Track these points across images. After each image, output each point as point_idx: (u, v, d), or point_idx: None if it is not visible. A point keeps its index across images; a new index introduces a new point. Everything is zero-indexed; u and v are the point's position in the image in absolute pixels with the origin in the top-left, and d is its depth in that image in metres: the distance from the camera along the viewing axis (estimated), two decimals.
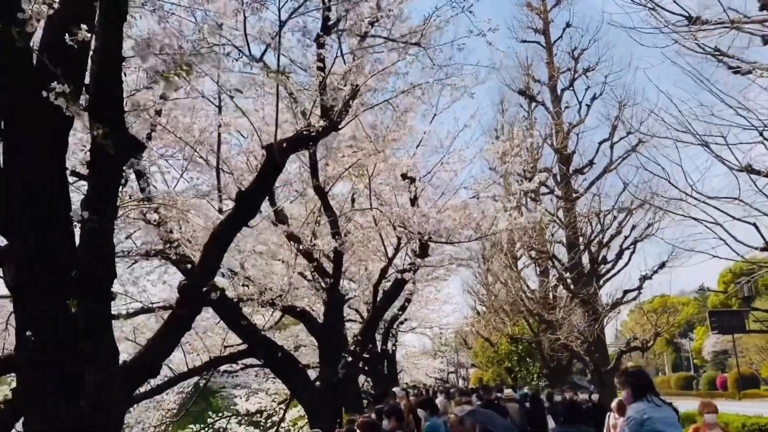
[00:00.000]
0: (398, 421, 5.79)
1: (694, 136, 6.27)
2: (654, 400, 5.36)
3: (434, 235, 8.39)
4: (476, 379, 44.90)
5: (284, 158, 4.27)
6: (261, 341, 9.16)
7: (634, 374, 6.26)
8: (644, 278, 15.95)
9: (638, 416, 5.30)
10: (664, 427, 5.15)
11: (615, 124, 17.60)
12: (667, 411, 5.39)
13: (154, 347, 3.65)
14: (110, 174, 2.85)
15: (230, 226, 4.08)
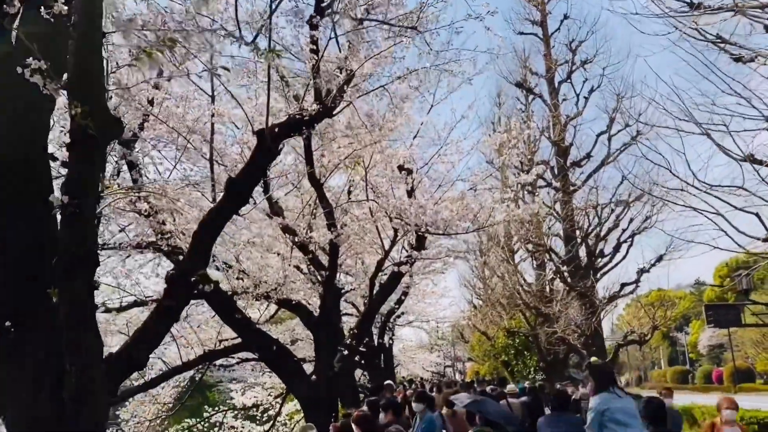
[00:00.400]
0: (395, 415, 5.68)
1: (696, 125, 6.16)
2: (615, 391, 5.72)
3: (431, 227, 8.27)
4: (473, 372, 44.92)
5: (276, 144, 4.13)
6: (255, 334, 9.05)
7: (597, 367, 6.73)
8: (642, 271, 15.89)
9: (599, 406, 5.66)
10: (622, 416, 5.51)
11: (613, 117, 17.51)
12: (627, 402, 5.72)
13: (141, 339, 3.51)
14: (91, 156, 2.72)
15: (220, 215, 3.95)
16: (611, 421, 5.57)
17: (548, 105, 19.17)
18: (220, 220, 4.00)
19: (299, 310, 9.96)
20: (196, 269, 3.73)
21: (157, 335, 3.67)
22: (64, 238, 2.77)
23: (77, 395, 2.91)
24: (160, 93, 8.02)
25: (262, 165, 4.26)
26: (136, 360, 3.44)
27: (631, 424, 5.51)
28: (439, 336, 49.65)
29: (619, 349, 16.57)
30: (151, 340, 3.59)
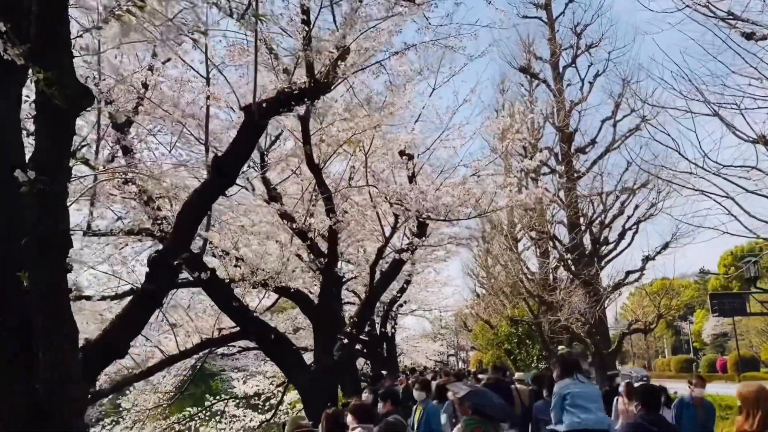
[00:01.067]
0: (394, 404, 5.51)
1: (705, 105, 5.93)
2: (579, 377, 6.16)
3: (432, 213, 8.07)
4: (476, 361, 44.88)
5: (264, 120, 3.93)
6: (253, 323, 8.90)
7: (563, 356, 7.45)
8: (647, 259, 15.67)
9: (561, 391, 6.13)
10: (582, 401, 5.94)
11: (618, 102, 17.20)
12: (589, 387, 6.20)
13: (120, 326, 3.34)
14: (59, 128, 2.53)
15: (206, 195, 3.76)
16: (572, 405, 5.96)
17: (552, 90, 18.87)
18: (205, 201, 3.81)
19: (298, 298, 9.78)
20: (179, 252, 3.55)
21: (137, 322, 3.49)
22: (32, 219, 2.58)
23: (50, 386, 2.74)
24: (154, 76, 7.82)
25: (249, 143, 4.06)
26: (115, 348, 3.27)
27: (589, 408, 5.92)
28: (443, 325, 49.62)
29: (624, 337, 16.36)
30: (131, 327, 3.42)
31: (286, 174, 10.45)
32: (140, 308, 3.49)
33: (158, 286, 3.51)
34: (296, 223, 8.83)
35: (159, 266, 3.49)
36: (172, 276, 3.63)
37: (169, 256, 3.49)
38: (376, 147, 9.35)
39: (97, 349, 3.13)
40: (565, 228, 18.92)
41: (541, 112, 17.95)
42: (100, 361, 3.21)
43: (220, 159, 3.82)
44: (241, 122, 8.84)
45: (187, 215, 3.71)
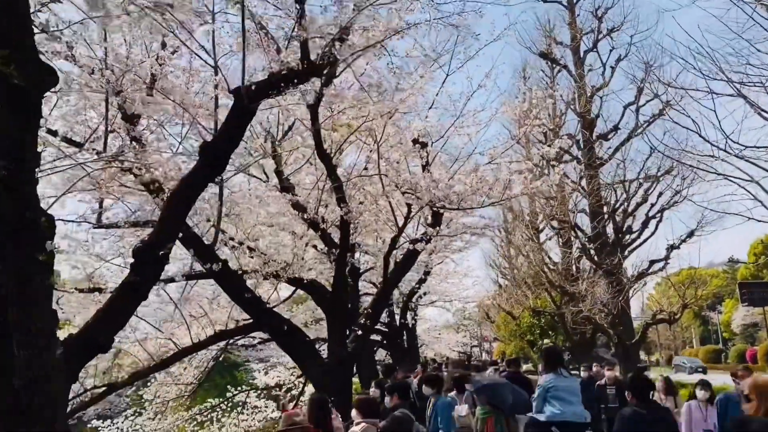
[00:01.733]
0: (401, 398, 5.34)
1: (728, 84, 5.64)
2: (562, 372, 6.59)
3: (445, 202, 7.85)
4: (499, 352, 44.57)
5: (255, 102, 3.76)
6: (266, 314, 8.79)
7: (548, 350, 8.08)
8: (672, 248, 15.28)
9: (545, 384, 6.56)
10: (564, 394, 6.40)
11: (641, 87, 16.73)
12: (571, 381, 6.67)
13: (103, 320, 3.20)
14: (22, 110, 2.39)
15: (194, 183, 3.61)
16: (554, 397, 6.41)
17: (573, 75, 18.43)
18: (194, 189, 3.65)
19: (311, 289, 9.66)
20: (166, 242, 3.40)
21: (121, 315, 3.36)
22: (4, 205, 2.45)
23: (27, 382, 2.61)
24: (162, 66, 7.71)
25: (239, 127, 3.89)
26: (97, 342, 3.14)
27: (571, 401, 6.40)
28: (465, 316, 49.37)
29: (648, 328, 15.98)
30: (113, 320, 3.28)
31: (300, 164, 10.32)
32: (123, 301, 3.36)
33: (143, 278, 3.38)
34: (307, 214, 8.68)
35: (144, 257, 3.36)
36: (157, 267, 3.48)
37: (154, 247, 3.35)
38: (388, 135, 9.15)
39: (77, 344, 3.00)
40: (588, 217, 18.55)
41: (562, 97, 17.54)
42: (81, 356, 3.09)
43: (208, 144, 3.67)
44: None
45: (175, 204, 3.57)
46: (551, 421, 6.37)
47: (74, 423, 15.05)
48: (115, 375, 10.13)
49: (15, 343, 2.64)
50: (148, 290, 3.52)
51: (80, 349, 3.03)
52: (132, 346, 9.94)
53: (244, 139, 9.74)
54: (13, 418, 2.67)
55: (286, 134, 10.08)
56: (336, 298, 9.27)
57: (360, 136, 9.48)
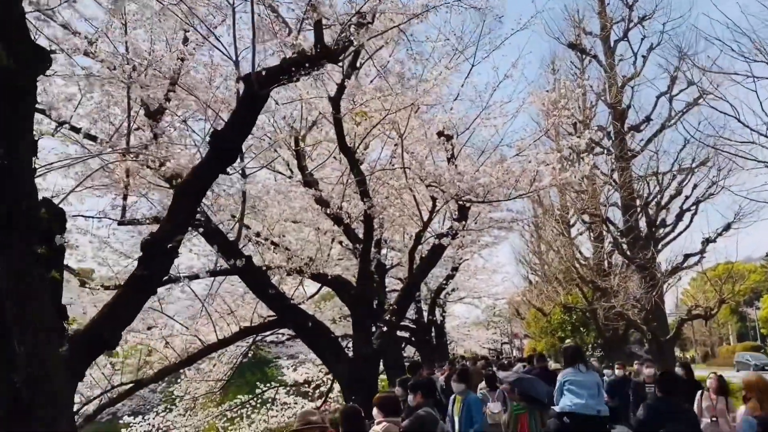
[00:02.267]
0: (425, 396, 5.16)
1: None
2: (580, 368, 7.17)
3: (470, 194, 7.65)
4: (530, 349, 44.03)
5: (265, 89, 3.62)
6: (290, 310, 8.70)
7: (566, 348, 8.43)
8: (707, 241, 14.78)
9: (563, 378, 7.22)
10: (577, 387, 6.98)
11: (675, 75, 16.21)
12: (587, 376, 7.13)
13: (109, 316, 3.09)
14: (12, 95, 2.28)
15: (204, 174, 3.49)
16: (569, 390, 7.04)
17: (603, 65, 17.95)
18: (204, 180, 3.53)
19: (336, 285, 9.54)
20: (174, 235, 3.28)
21: (128, 310, 3.25)
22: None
23: (28, 379, 2.51)
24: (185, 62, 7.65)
25: (249, 115, 3.76)
26: (103, 339, 3.04)
27: (581, 394, 6.94)
28: (495, 313, 48.90)
29: (683, 323, 15.47)
30: (120, 316, 3.18)
31: (324, 159, 10.21)
32: (131, 296, 3.25)
33: (151, 272, 3.27)
34: (330, 209, 8.55)
35: (152, 250, 3.25)
36: (167, 261, 3.37)
37: (163, 240, 3.23)
38: (412, 128, 8.98)
39: (82, 341, 2.91)
40: (619, 210, 18.07)
41: (592, 88, 17.09)
42: (86, 353, 2.99)
43: (217, 133, 3.55)
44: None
45: (184, 195, 3.46)
46: (563, 411, 7.00)
47: (109, 419, 15.26)
48: (143, 372, 10.15)
49: (15, 339, 2.54)
50: (156, 284, 3.41)
51: (85, 346, 2.93)
52: (158, 343, 9.94)
53: (267, 134, 9.73)
54: (15, 416, 2.58)
55: (311, 129, 9.98)
56: (360, 294, 9.13)
57: (384, 130, 9.34)
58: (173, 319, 9.46)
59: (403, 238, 13.40)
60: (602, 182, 17.00)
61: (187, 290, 9.40)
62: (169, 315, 9.24)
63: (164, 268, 3.42)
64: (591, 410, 6.91)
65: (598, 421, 7.00)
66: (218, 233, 8.30)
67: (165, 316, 9.40)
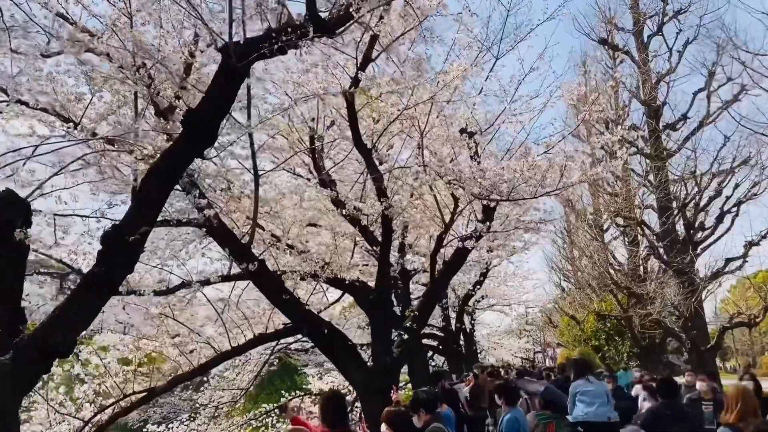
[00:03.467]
0: (430, 412, 4.65)
1: None
2: (590, 378, 7.80)
3: (494, 192, 7.14)
4: (563, 358, 42.94)
5: (243, 62, 3.19)
6: (305, 316, 8.28)
7: (576, 361, 9.14)
8: (750, 244, 13.90)
9: (574, 389, 7.77)
10: (590, 397, 7.54)
11: (712, 71, 15.39)
12: (597, 386, 7.73)
13: (62, 319, 2.68)
14: None
15: (177, 156, 3.08)
16: (581, 401, 7.60)
17: (636, 61, 17.18)
18: (177, 164, 3.13)
19: (353, 290, 9.11)
20: (139, 226, 2.88)
21: (83, 313, 2.84)
22: None
23: None
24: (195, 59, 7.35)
25: (227, 90, 3.35)
26: (53, 345, 2.63)
27: (593, 403, 7.50)
28: (527, 321, 47.87)
29: (725, 332, 14.57)
30: (75, 319, 2.77)
31: (343, 159, 9.83)
32: (85, 297, 2.84)
33: (110, 268, 2.86)
34: (347, 209, 8.13)
35: (113, 243, 2.84)
36: (129, 256, 2.95)
37: (126, 231, 2.82)
38: (432, 125, 8.51)
39: (29, 348, 2.51)
40: (655, 213, 17.24)
41: (624, 84, 16.34)
42: (34, 361, 2.59)
43: (192, 113, 3.14)
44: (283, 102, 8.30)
45: (154, 181, 3.06)
46: (576, 420, 7.50)
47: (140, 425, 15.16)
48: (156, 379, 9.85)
49: None
50: (118, 283, 3.00)
51: (32, 354, 2.53)
52: (170, 350, 9.63)
53: (282, 133, 9.38)
54: None
55: (329, 128, 9.61)
56: (379, 299, 8.67)
57: (404, 128, 8.92)
58: (184, 326, 9.13)
59: (429, 242, 12.90)
60: (637, 184, 16.24)
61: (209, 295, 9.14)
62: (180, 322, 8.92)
63: (126, 264, 3.01)
64: (602, 417, 7.50)
65: (609, 426, 7.52)
66: (230, 236, 7.96)
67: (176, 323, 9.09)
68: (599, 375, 10.73)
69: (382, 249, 8.41)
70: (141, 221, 2.93)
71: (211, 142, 3.46)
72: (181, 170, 3.30)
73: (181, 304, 8.81)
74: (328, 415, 3.76)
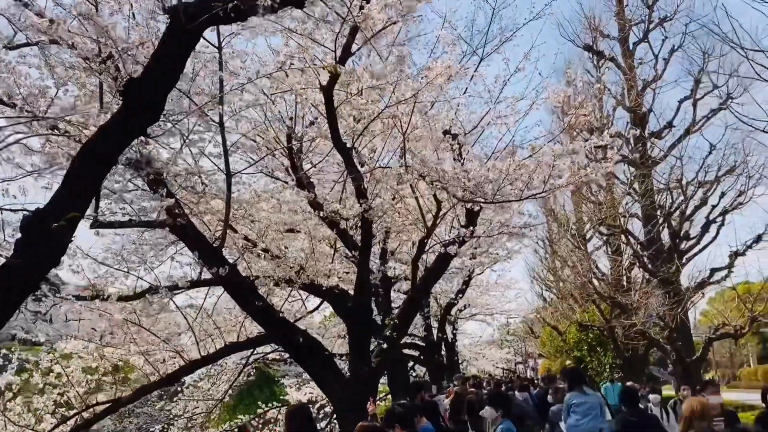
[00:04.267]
0: (405, 428, 4.29)
1: None
2: (584, 390, 7.84)
3: (477, 194, 6.80)
4: (545, 369, 42.74)
5: (195, 24, 2.80)
6: (278, 324, 7.85)
7: (570, 371, 9.12)
8: (736, 254, 13.71)
9: (568, 401, 7.86)
10: (582, 408, 7.60)
11: (698, 78, 15.26)
12: (590, 398, 7.77)
13: None
14: None
15: (116, 132, 2.68)
16: (574, 412, 7.66)
17: (621, 67, 17.01)
18: (115, 142, 2.73)
19: (330, 296, 8.70)
20: (66, 211, 2.47)
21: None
22: None
23: None
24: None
25: (174, 57, 2.95)
26: None
27: (588, 414, 7.55)
28: (508, 332, 47.67)
29: (711, 343, 14.32)
30: None
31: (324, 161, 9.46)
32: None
33: (31, 262, 2.43)
34: (323, 211, 7.74)
35: (33, 232, 2.42)
36: (53, 247, 2.52)
37: (50, 218, 2.41)
38: (415, 125, 8.19)
39: None
40: (640, 221, 17.03)
41: (609, 91, 16.13)
42: None
43: (133, 82, 2.75)
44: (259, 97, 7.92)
45: (87, 159, 2.65)
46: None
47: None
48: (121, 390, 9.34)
49: None
50: (39, 278, 2.58)
51: None
52: (137, 359, 9.14)
53: (260, 132, 8.99)
54: None
55: (309, 126, 9.24)
56: (358, 307, 8.27)
57: (385, 128, 8.59)
58: (152, 333, 8.65)
59: (411, 249, 12.56)
60: (621, 192, 16.02)
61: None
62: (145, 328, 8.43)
63: (50, 255, 2.59)
64: (594, 429, 7.59)
65: None
66: (200, 238, 7.54)
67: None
68: None
69: (361, 253, 8.03)
70: (69, 205, 2.51)
71: (155, 117, 3.06)
72: (119, 147, 2.89)
73: (148, 310, 8.31)
74: (292, 428, 3.38)
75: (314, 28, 6.70)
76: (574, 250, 20.49)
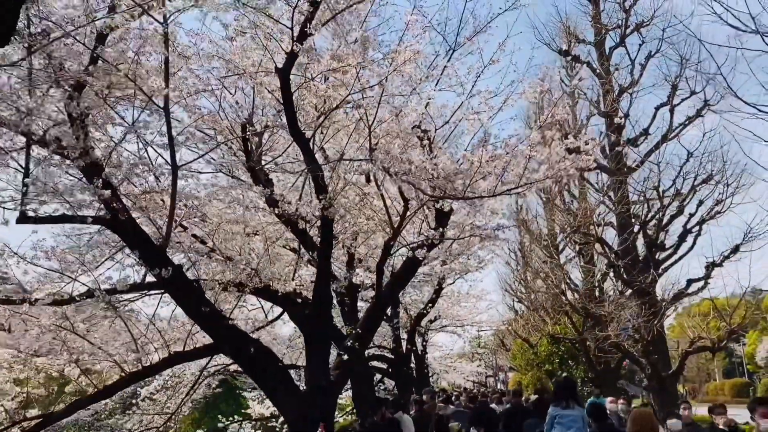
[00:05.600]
0: None
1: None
2: (569, 403, 7.80)
3: (447, 189, 6.18)
4: (515, 383, 42.33)
5: None
6: (228, 332, 7.11)
7: (559, 384, 8.99)
8: (713, 265, 13.31)
9: (552, 413, 7.88)
10: (568, 422, 7.65)
11: (675, 83, 14.93)
12: (575, 412, 7.75)
13: None
14: None
15: None
16: (559, 424, 7.72)
17: (597, 71, 16.63)
18: None
19: (285, 303, 7.99)
20: None
21: None
22: None
23: None
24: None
25: None
26: None
27: (570, 427, 7.61)
28: (479, 344, 47.25)
29: (687, 356, 13.83)
30: None
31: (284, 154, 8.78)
32: None
33: None
34: (279, 208, 7.04)
35: None
36: None
37: None
38: (382, 118, 7.55)
39: None
40: (614, 230, 16.59)
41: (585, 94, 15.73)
42: None
43: None
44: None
45: None
46: None
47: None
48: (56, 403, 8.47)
49: None
50: None
51: None
52: (72, 369, 8.28)
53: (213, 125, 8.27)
54: None
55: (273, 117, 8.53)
56: (316, 314, 7.56)
57: (350, 120, 7.97)
58: (88, 341, 7.81)
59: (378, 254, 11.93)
60: (595, 201, 15.61)
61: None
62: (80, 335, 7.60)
63: None
64: None
65: None
66: (141, 236, 6.79)
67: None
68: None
69: (320, 255, 7.34)
70: None
71: (6, 39, 2.37)
72: None
73: (82, 316, 7.50)
74: None
75: (269, 2, 6.07)
76: (546, 260, 20.04)
